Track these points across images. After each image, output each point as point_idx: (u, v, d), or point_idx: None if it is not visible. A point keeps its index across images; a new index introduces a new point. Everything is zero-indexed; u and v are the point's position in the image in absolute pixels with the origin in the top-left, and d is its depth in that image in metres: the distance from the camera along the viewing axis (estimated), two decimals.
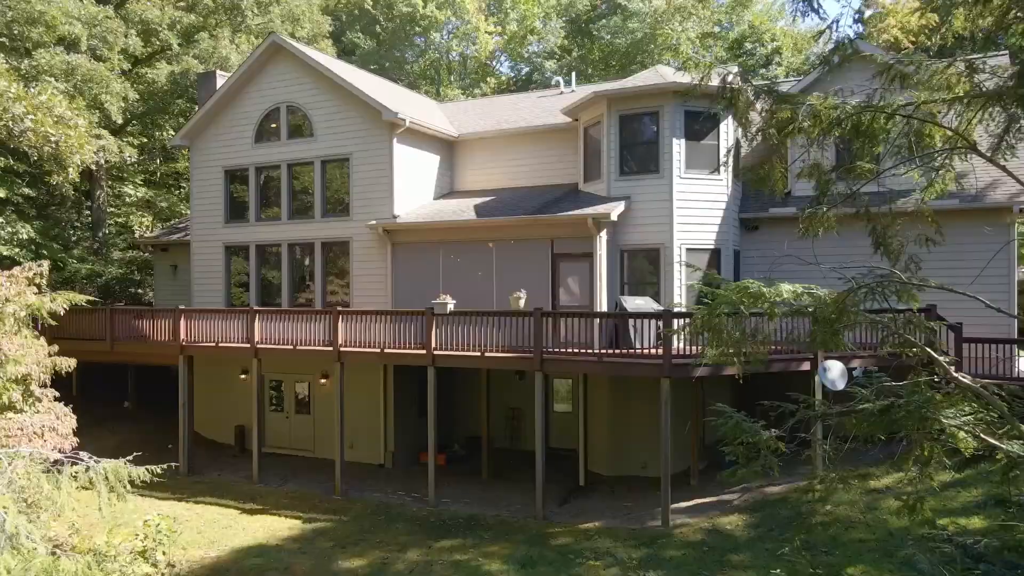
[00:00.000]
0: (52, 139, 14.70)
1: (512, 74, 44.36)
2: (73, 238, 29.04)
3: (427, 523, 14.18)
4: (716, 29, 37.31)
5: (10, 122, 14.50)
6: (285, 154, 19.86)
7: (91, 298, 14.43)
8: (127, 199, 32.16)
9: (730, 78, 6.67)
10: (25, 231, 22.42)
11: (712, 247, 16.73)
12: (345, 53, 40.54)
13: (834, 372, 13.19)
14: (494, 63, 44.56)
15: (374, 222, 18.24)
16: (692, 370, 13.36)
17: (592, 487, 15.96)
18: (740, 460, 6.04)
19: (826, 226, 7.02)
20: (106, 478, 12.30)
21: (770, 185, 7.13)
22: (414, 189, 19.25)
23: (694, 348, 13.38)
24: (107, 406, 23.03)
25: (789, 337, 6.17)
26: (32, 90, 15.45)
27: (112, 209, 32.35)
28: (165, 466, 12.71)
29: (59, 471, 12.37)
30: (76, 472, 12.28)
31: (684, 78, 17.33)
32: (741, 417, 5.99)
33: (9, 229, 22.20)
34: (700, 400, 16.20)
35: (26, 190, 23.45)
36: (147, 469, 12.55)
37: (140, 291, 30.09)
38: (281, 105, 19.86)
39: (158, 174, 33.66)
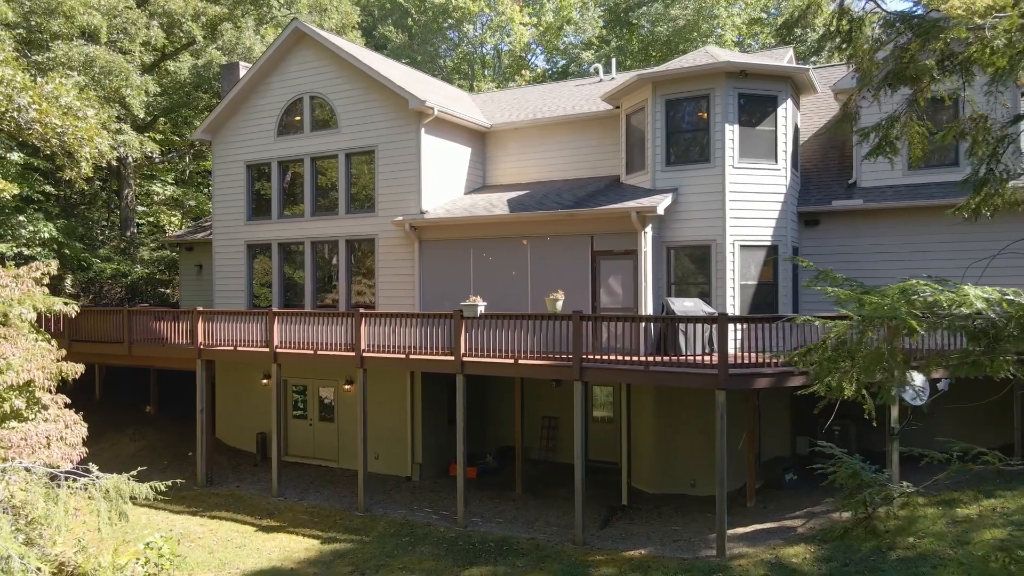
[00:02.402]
0: (58, 130, 13.81)
1: (548, 66, 42.95)
2: (100, 237, 28.55)
3: (455, 546, 12.93)
4: (763, 16, 35.42)
5: (15, 112, 13.64)
6: (308, 147, 18.82)
7: (67, 300, 13.50)
8: (155, 197, 31.63)
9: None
10: (47, 230, 21.79)
11: (769, 243, 15.18)
12: (377, 48, 39.62)
13: (916, 385, 11.59)
14: (529, 56, 43.21)
15: (400, 218, 17.08)
16: (752, 381, 11.91)
17: (635, 506, 14.55)
18: (856, 514, 4.63)
19: (1002, 204, 5.33)
20: (106, 494, 11.35)
21: (898, 151, 5.64)
22: (443, 183, 18.04)
23: (752, 356, 11.95)
24: (129, 410, 22.33)
25: (942, 356, 4.65)
26: (40, 79, 14.60)
27: (143, 208, 31.87)
28: (170, 483, 11.72)
29: (59, 485, 11.47)
30: (75, 489, 11.36)
31: (737, 57, 15.87)
32: (859, 463, 4.58)
33: (31, 228, 21.59)
34: (755, 411, 14.70)
35: (48, 188, 22.84)
36: (151, 486, 11.55)
37: (168, 291, 29.51)
38: (304, 96, 18.83)
39: (187, 172, 33.10)
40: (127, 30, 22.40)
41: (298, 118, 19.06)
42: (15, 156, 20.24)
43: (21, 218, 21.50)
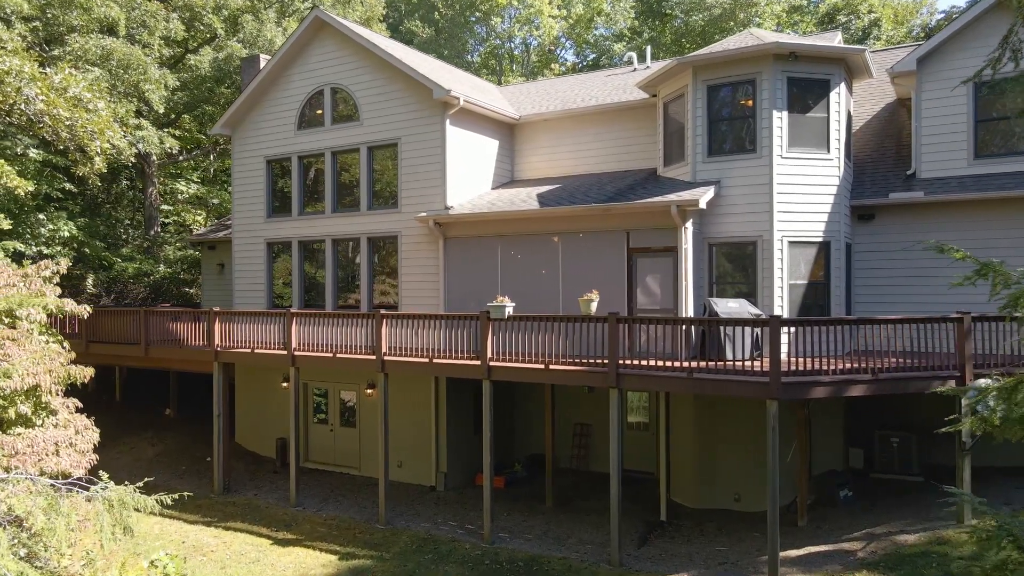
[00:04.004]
0: (67, 122, 13.20)
1: (577, 60, 41.91)
2: (124, 236, 28.21)
3: (481, 565, 12.03)
4: (803, 3, 33.97)
5: (23, 104, 13.05)
6: (329, 141, 18.08)
7: (79, 300, 12.84)
8: (180, 195, 31.26)
9: None
10: (67, 228, 21.37)
11: (820, 240, 14.03)
12: (403, 43, 39.00)
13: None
14: (558, 50, 42.20)
15: (424, 214, 16.24)
16: (808, 390, 10.83)
17: (675, 523, 13.52)
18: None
19: None
20: (110, 507, 10.66)
21: None
22: (469, 177, 17.16)
23: (807, 362, 10.87)
24: (149, 413, 21.84)
25: None
26: (50, 70, 14.02)
27: (168, 207, 31.54)
28: (177, 495, 10.97)
29: (61, 496, 10.82)
30: (78, 500, 10.70)
31: (786, 38, 14.74)
32: (1004, 513, 3.57)
33: (51, 226, 21.18)
34: (806, 421, 13.57)
35: (69, 186, 22.42)
36: (157, 499, 10.79)
37: (192, 291, 29.10)
38: (325, 87, 18.09)
39: (211, 170, 32.71)
40: (146, 23, 21.90)
41: (319, 111, 18.34)
42: (33, 153, 19.80)
43: (41, 216, 21.10)
